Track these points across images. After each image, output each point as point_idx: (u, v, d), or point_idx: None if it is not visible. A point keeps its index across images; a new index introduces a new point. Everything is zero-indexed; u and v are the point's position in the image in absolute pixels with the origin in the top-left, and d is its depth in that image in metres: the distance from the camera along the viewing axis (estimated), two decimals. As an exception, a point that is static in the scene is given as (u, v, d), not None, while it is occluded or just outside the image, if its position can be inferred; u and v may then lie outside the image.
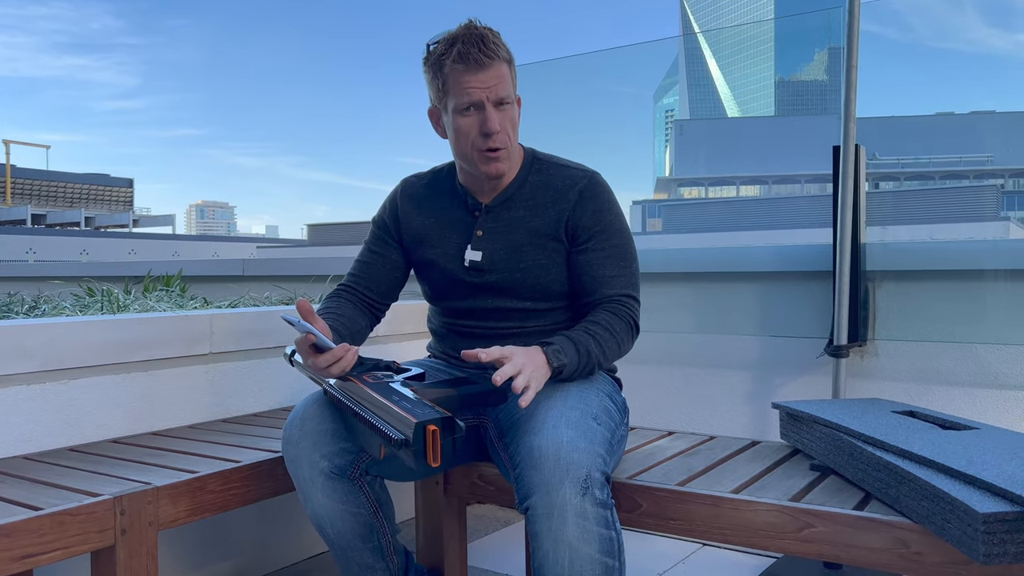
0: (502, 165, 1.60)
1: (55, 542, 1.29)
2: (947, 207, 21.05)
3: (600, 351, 1.55)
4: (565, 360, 1.49)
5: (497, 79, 1.54)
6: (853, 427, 1.48)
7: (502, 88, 1.55)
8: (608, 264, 1.63)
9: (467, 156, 1.61)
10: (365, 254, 1.78)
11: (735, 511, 1.40)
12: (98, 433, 1.86)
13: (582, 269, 1.63)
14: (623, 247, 1.65)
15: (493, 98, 1.55)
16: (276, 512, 2.22)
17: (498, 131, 1.55)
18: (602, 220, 1.63)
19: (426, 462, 1.26)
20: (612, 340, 1.58)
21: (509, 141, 1.60)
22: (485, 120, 1.55)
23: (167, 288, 3.04)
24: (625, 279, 1.63)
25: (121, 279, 3.67)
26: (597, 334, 1.56)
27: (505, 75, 1.56)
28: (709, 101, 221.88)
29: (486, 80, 1.53)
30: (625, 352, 1.64)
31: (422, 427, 1.26)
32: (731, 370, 2.46)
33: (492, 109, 1.55)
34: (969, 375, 2.12)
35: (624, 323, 1.60)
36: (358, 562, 1.60)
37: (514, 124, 1.61)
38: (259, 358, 2.21)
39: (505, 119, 1.57)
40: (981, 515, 1.09)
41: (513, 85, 1.60)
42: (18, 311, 2.52)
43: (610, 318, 1.59)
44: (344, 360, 1.44)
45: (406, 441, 1.26)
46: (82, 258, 29.24)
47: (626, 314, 1.61)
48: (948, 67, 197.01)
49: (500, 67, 1.55)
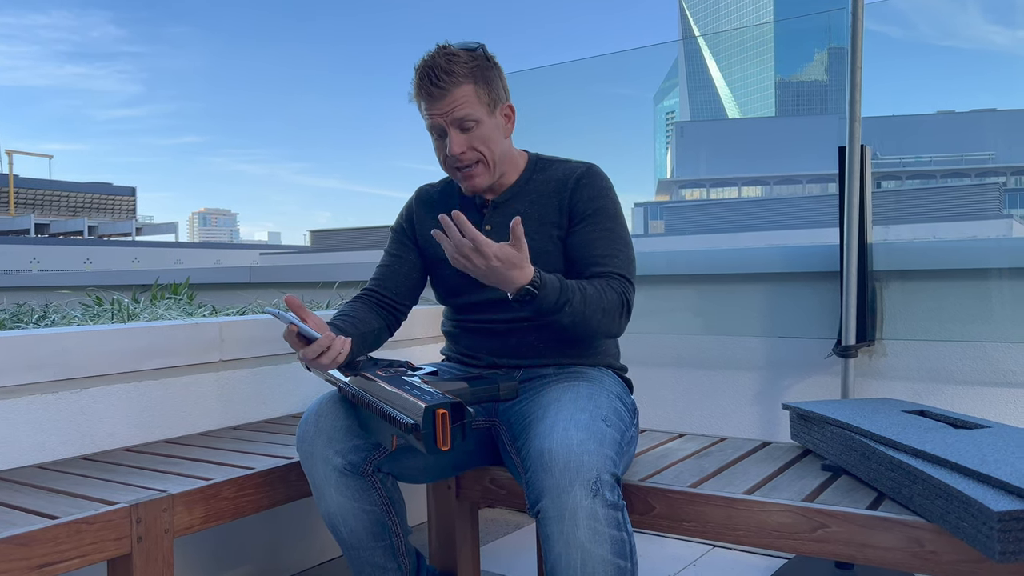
0: (477, 180, 1.67)
1: (72, 551, 1.29)
2: (949, 206, 21.03)
3: (582, 301, 1.52)
4: (544, 278, 1.46)
5: (453, 104, 1.60)
6: (865, 427, 1.48)
7: (460, 111, 1.60)
8: (599, 244, 1.63)
9: (449, 175, 1.71)
10: (385, 258, 1.84)
11: (748, 512, 1.41)
12: (110, 442, 1.87)
13: (575, 249, 1.65)
14: (616, 231, 1.66)
15: (452, 122, 1.61)
16: (288, 518, 2.23)
17: (461, 152, 1.62)
18: (596, 203, 1.66)
19: (436, 446, 1.28)
20: (598, 302, 1.54)
21: (484, 156, 1.64)
22: (448, 144, 1.62)
23: (175, 296, 3.05)
24: (618, 260, 1.63)
25: (126, 288, 3.68)
26: (585, 288, 1.54)
27: (464, 97, 1.60)
28: (709, 102, 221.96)
29: (442, 107, 1.60)
30: (612, 327, 1.59)
31: (431, 411, 1.27)
32: (739, 371, 2.46)
33: (454, 132, 1.62)
34: (978, 374, 2.12)
35: (615, 295, 1.57)
36: (370, 562, 1.61)
37: (487, 139, 1.64)
38: (269, 365, 2.22)
39: (472, 138, 1.62)
40: (996, 513, 1.09)
41: (486, 101, 1.63)
42: (27, 321, 2.53)
43: (603, 285, 1.58)
44: (332, 350, 1.47)
45: (416, 426, 1.27)
46: (86, 267, 29.30)
47: (619, 288, 1.58)
48: (949, 65, 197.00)
49: (457, 91, 1.59)
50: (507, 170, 1.72)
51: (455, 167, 1.66)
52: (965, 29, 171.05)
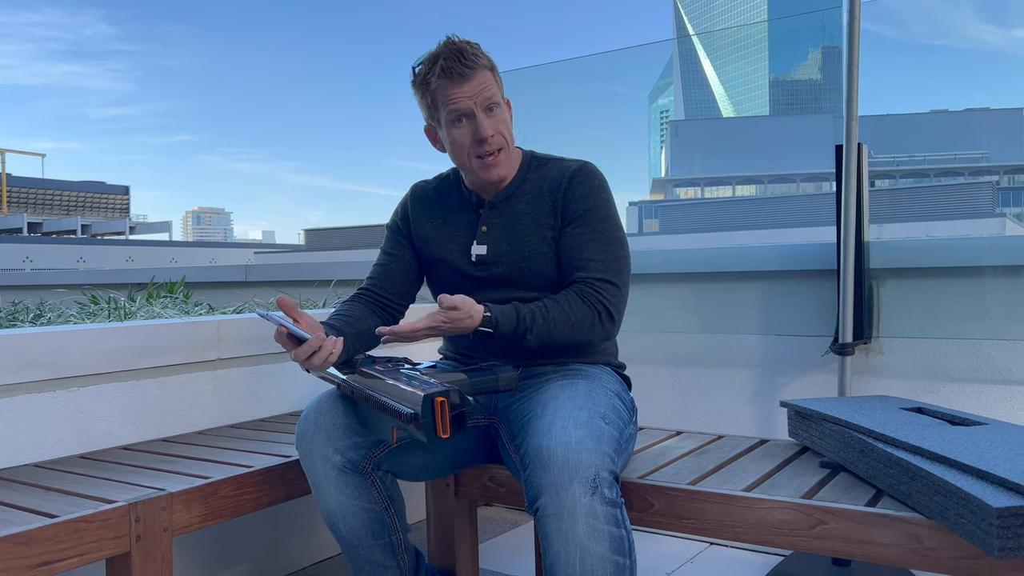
0: (501, 169, 1.65)
1: (71, 549, 1.29)
2: (943, 204, 21.13)
3: (544, 325, 1.54)
4: (497, 315, 1.52)
5: (481, 86, 1.59)
6: (863, 424, 1.49)
7: (488, 93, 1.60)
8: (587, 247, 1.63)
9: (466, 165, 1.66)
10: (381, 257, 1.83)
11: (747, 509, 1.41)
12: (108, 440, 1.86)
13: (563, 251, 1.65)
14: (606, 232, 1.64)
15: (481, 104, 1.60)
16: (286, 516, 2.23)
17: (492, 135, 1.60)
18: (587, 203, 1.65)
19: (436, 434, 1.28)
20: (564, 319, 1.56)
21: (505, 142, 1.64)
22: (477, 127, 1.60)
23: (171, 295, 3.05)
24: (604, 264, 1.62)
25: (120, 287, 3.67)
26: (547, 308, 1.56)
27: (489, 81, 1.61)
28: (704, 101, 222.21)
29: (471, 89, 1.58)
30: (588, 336, 1.61)
31: (430, 399, 1.28)
32: (736, 369, 2.47)
33: (482, 115, 1.60)
34: (975, 371, 2.13)
35: (587, 306, 1.58)
36: (369, 560, 1.61)
37: (507, 126, 1.65)
38: (266, 363, 2.22)
39: (497, 122, 1.62)
40: (995, 509, 1.10)
41: (499, 89, 1.65)
42: (23, 320, 2.52)
43: (572, 298, 1.58)
44: (323, 350, 1.47)
45: (415, 415, 1.28)
46: (79, 266, 29.20)
47: (594, 297, 1.59)
48: (942, 64, 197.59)
49: (483, 74, 1.60)
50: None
51: (480, 154, 1.62)
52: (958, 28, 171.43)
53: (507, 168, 1.66)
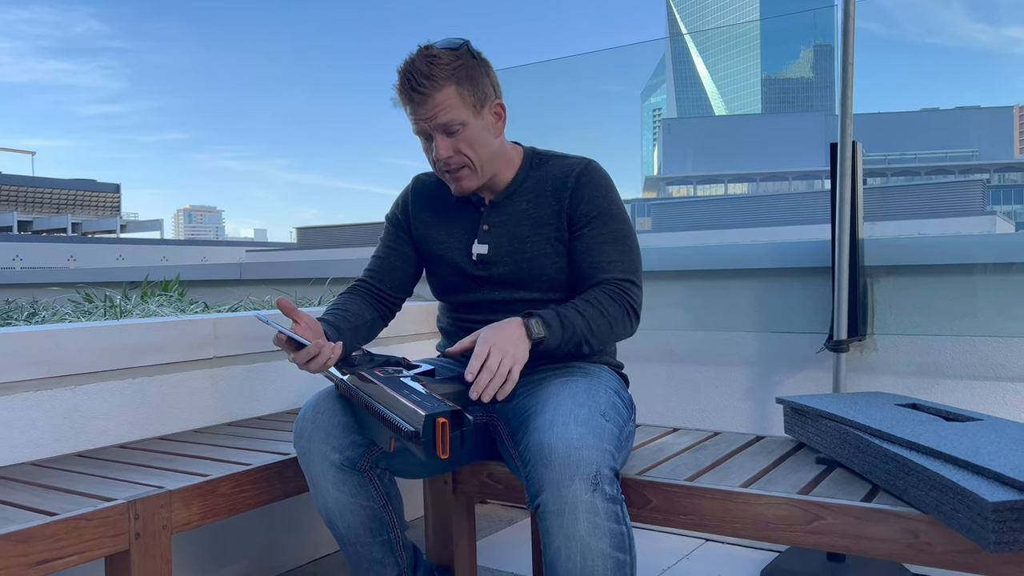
0: (465, 183, 1.65)
1: (71, 547, 1.29)
2: (934, 202, 21.22)
3: (587, 328, 1.56)
4: (545, 334, 1.50)
5: (436, 108, 1.57)
6: (859, 420, 1.50)
7: (443, 115, 1.57)
8: (606, 249, 1.63)
9: (439, 176, 1.69)
10: (380, 250, 1.82)
11: (745, 505, 1.42)
12: (105, 438, 1.86)
13: (580, 255, 1.65)
14: (621, 232, 1.65)
15: (435, 127, 1.59)
16: (284, 514, 2.23)
17: (447, 156, 1.60)
18: (599, 205, 1.65)
19: (435, 454, 1.28)
20: (602, 320, 1.58)
21: (471, 160, 1.62)
22: (435, 148, 1.61)
23: (166, 293, 3.04)
24: (623, 264, 1.64)
25: (112, 285, 3.66)
26: (586, 312, 1.56)
27: (447, 101, 1.56)
28: (696, 99, 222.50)
29: (425, 112, 1.58)
30: (620, 336, 1.64)
31: (431, 419, 1.28)
32: (732, 366, 2.48)
33: (439, 137, 1.59)
34: (968, 368, 2.14)
35: (619, 305, 1.60)
36: (367, 557, 1.62)
37: (473, 142, 1.61)
38: (262, 361, 2.22)
39: (458, 142, 1.60)
40: (991, 504, 1.11)
41: (471, 102, 1.59)
42: (18, 318, 2.51)
43: (603, 298, 1.59)
44: (322, 356, 1.46)
45: (416, 433, 1.28)
46: (70, 264, 29.07)
47: (622, 297, 1.61)
48: (933, 62, 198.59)
49: (439, 95, 1.56)
50: (501, 168, 1.69)
51: (443, 170, 1.65)
52: (949, 27, 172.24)
53: (475, 181, 1.65)
